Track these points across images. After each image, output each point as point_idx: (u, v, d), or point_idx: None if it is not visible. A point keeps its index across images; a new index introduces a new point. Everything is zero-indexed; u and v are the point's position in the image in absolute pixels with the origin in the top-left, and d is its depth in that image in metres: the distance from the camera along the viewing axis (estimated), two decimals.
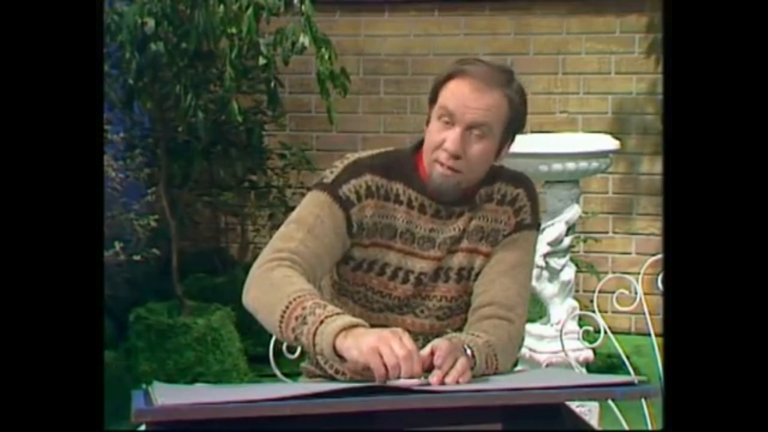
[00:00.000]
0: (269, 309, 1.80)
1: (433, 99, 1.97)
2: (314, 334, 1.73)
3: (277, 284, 1.82)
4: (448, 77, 1.94)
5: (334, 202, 1.96)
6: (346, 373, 2.05)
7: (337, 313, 1.74)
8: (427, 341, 1.96)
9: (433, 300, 2.03)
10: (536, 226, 2.09)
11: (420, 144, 2.03)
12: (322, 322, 1.72)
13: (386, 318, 2.02)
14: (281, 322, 1.77)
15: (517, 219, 2.05)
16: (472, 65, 1.94)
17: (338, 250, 1.97)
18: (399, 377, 1.63)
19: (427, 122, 2.00)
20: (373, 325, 1.97)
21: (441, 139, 1.94)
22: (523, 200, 2.06)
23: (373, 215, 1.98)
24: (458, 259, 2.03)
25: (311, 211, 1.96)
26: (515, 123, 1.99)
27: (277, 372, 2.40)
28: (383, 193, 1.99)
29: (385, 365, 1.63)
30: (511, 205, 2.05)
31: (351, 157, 2.03)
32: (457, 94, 1.92)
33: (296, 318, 1.75)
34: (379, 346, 1.64)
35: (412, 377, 1.64)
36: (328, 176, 1.99)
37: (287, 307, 1.77)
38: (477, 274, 2.03)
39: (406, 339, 1.66)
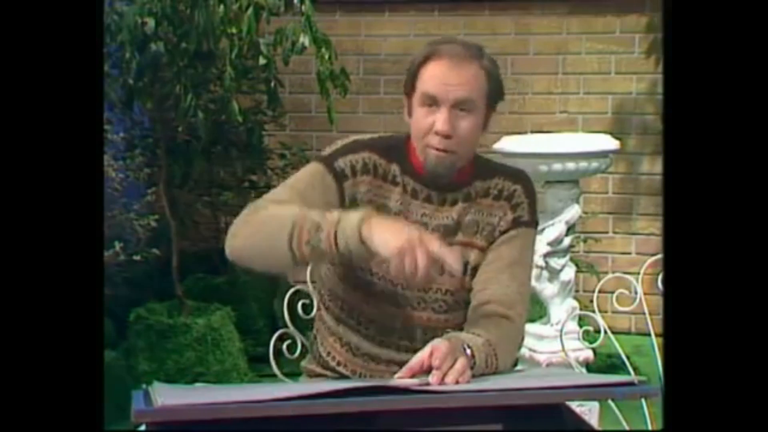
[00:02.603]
0: (272, 238, 1.81)
1: (411, 88, 1.99)
2: (335, 235, 1.74)
3: (271, 215, 1.85)
4: (422, 62, 1.96)
5: (328, 172, 2.00)
6: (348, 366, 2.06)
7: (347, 211, 1.78)
8: (425, 333, 2.00)
9: (429, 292, 2.03)
10: (534, 224, 2.08)
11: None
12: (338, 221, 1.74)
13: (382, 310, 2.02)
14: (291, 241, 1.77)
15: (514, 215, 2.04)
16: (443, 45, 1.96)
17: None
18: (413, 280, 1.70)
19: (409, 113, 2.02)
20: (368, 317, 2.03)
21: (430, 123, 1.95)
22: (521, 197, 2.06)
23: (368, 192, 2.00)
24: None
25: (304, 178, 2.01)
26: (495, 93, 2.01)
27: (277, 372, 2.40)
28: (381, 173, 2.02)
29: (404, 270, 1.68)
30: (508, 201, 2.05)
31: (351, 137, 2.07)
32: (436, 75, 1.94)
33: (308, 231, 1.76)
34: (403, 251, 1.67)
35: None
36: (326, 151, 2.04)
37: (294, 226, 1.77)
38: (473, 269, 2.03)
39: (433, 245, 1.69)
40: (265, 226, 1.84)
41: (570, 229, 3.80)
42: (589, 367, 3.75)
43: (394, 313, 2.02)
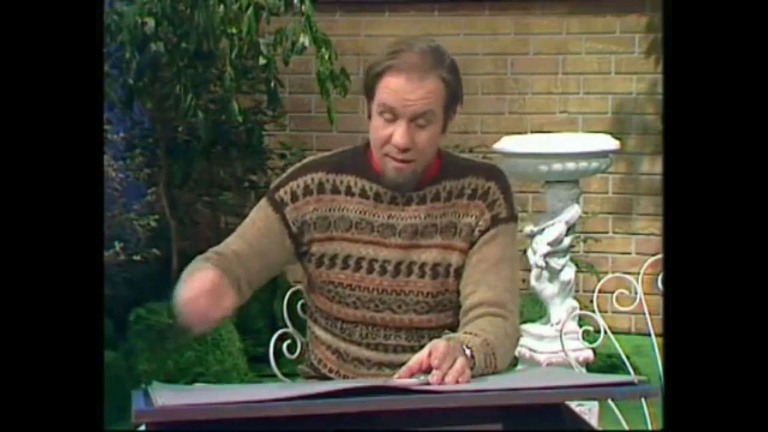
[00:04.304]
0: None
1: (370, 94, 1.98)
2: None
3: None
4: (381, 73, 1.94)
5: (268, 205, 2.06)
6: (339, 372, 2.07)
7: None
8: (410, 336, 2.01)
9: (410, 295, 2.03)
10: (513, 218, 2.06)
11: None
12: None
13: (363, 315, 2.03)
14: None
15: (492, 213, 2.03)
16: (402, 56, 1.93)
17: (271, 251, 2.05)
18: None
19: (369, 116, 2.01)
20: (352, 323, 2.05)
21: (387, 135, 1.95)
22: (496, 194, 2.04)
23: (316, 210, 2.03)
24: (431, 255, 2.02)
25: (250, 216, 2.09)
26: (453, 99, 1.99)
27: (277, 372, 2.40)
28: (330, 188, 2.04)
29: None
30: (483, 200, 2.03)
31: (304, 161, 2.12)
32: (393, 88, 1.92)
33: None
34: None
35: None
36: (274, 182, 2.11)
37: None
38: (456, 271, 2.02)
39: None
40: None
41: (570, 229, 3.79)
42: (589, 367, 3.75)
43: (374, 317, 2.03)
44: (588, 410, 3.25)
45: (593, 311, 2.51)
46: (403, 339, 2.02)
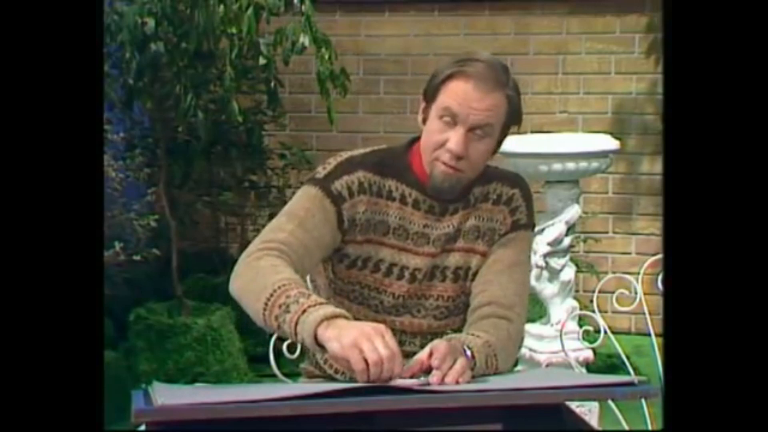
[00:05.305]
0: (254, 296, 1.80)
1: (432, 97, 1.96)
2: (296, 323, 1.72)
3: (263, 272, 1.83)
4: (449, 77, 1.93)
5: (326, 196, 1.96)
6: (346, 373, 2.06)
7: (321, 303, 1.73)
8: (425, 341, 1.99)
9: (430, 299, 2.03)
10: (531, 227, 2.10)
11: (413, 141, 2.05)
12: (304, 311, 1.72)
13: (383, 319, 2.00)
14: (265, 309, 1.77)
15: (513, 219, 2.06)
16: (473, 65, 1.92)
17: (328, 245, 1.97)
18: (380, 376, 1.62)
19: (423, 120, 2.00)
20: None
21: (443, 139, 1.94)
22: (519, 200, 2.08)
23: (365, 211, 1.99)
24: (454, 259, 2.03)
25: (303, 204, 1.97)
26: (513, 119, 1.99)
27: (277, 372, 2.40)
28: (376, 190, 2.00)
29: (366, 362, 1.62)
30: (507, 205, 2.06)
31: (344, 154, 2.03)
32: (460, 94, 1.91)
33: (279, 306, 1.75)
34: (360, 343, 1.63)
35: (391, 378, 1.63)
36: (321, 172, 2.00)
37: (271, 295, 1.76)
38: (474, 274, 2.04)
39: (389, 337, 1.66)
40: (252, 284, 1.83)
41: (570, 229, 3.80)
42: (589, 367, 3.75)
43: (394, 321, 2.02)
44: (588, 411, 3.25)
45: (593, 311, 2.51)
46: (418, 345, 1.99)
